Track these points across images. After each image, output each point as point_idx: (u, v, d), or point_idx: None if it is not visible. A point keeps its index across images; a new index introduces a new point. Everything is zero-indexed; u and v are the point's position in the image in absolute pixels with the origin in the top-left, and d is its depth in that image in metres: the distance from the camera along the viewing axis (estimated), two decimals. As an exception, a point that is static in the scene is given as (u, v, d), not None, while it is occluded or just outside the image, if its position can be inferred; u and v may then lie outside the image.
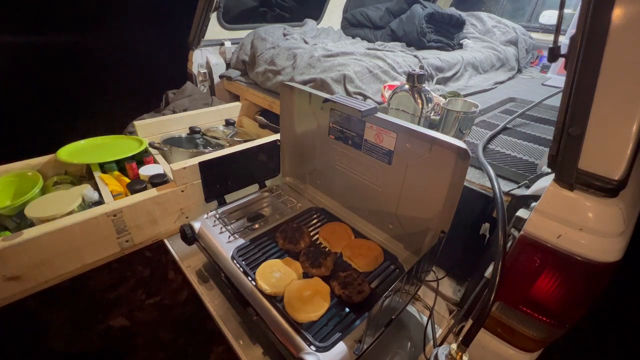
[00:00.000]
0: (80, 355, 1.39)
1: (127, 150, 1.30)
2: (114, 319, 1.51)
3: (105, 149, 1.35)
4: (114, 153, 1.28)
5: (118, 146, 1.36)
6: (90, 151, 1.32)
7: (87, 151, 1.32)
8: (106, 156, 1.27)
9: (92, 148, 1.35)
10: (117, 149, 1.33)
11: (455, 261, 1.01)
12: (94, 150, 1.33)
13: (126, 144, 1.37)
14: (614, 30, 0.48)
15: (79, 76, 4.74)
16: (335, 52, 1.60)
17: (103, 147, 1.36)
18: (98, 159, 1.25)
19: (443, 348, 0.65)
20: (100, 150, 1.33)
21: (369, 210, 1.09)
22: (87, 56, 5.49)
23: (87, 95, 4.15)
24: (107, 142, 1.41)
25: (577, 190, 0.58)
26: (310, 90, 1.04)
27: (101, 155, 1.28)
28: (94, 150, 1.33)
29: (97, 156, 1.27)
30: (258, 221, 1.08)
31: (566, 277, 0.61)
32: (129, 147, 1.33)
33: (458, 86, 1.75)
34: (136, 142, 1.38)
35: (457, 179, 0.78)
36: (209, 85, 2.00)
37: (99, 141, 1.41)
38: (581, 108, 0.53)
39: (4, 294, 0.88)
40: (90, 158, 1.26)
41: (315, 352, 0.69)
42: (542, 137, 1.22)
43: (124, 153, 1.28)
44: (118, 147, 1.34)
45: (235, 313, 0.95)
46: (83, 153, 1.30)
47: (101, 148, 1.35)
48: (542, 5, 2.77)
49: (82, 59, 5.34)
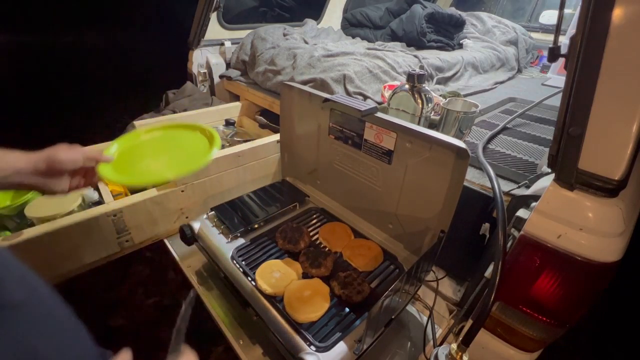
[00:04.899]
0: (80, 355, 1.38)
1: (196, 155, 0.82)
2: (114, 319, 1.51)
3: (159, 152, 0.87)
4: (179, 162, 0.82)
5: (178, 146, 0.89)
6: (138, 158, 0.84)
7: (134, 158, 0.84)
8: (168, 169, 0.81)
9: (138, 151, 0.87)
10: (180, 152, 0.87)
11: (455, 261, 1.01)
12: (143, 156, 0.85)
13: (190, 142, 0.88)
14: (614, 30, 0.48)
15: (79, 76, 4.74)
16: (335, 52, 1.60)
17: (156, 150, 0.88)
18: (158, 176, 0.79)
19: (443, 348, 0.65)
20: (154, 156, 0.86)
21: (369, 210, 1.09)
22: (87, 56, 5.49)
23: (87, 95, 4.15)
24: (160, 137, 0.91)
25: (577, 190, 0.58)
26: (311, 90, 1.04)
27: (159, 169, 0.81)
28: (144, 156, 0.85)
29: (154, 170, 0.81)
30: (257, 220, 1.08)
31: (566, 277, 0.61)
32: (196, 149, 0.84)
33: (458, 86, 1.75)
34: (203, 138, 0.88)
35: (457, 178, 0.78)
36: (209, 85, 2.00)
37: (145, 137, 0.91)
38: (581, 108, 0.53)
39: (3, 294, 0.88)
40: (148, 174, 0.79)
41: (315, 352, 0.69)
42: (542, 137, 1.22)
43: (191, 161, 0.79)
44: (180, 150, 0.88)
45: (235, 313, 0.95)
46: (131, 162, 0.81)
47: (153, 151, 0.87)
48: (542, 5, 2.77)
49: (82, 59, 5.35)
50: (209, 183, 1.19)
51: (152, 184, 0.78)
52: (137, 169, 0.80)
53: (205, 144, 0.86)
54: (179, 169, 0.79)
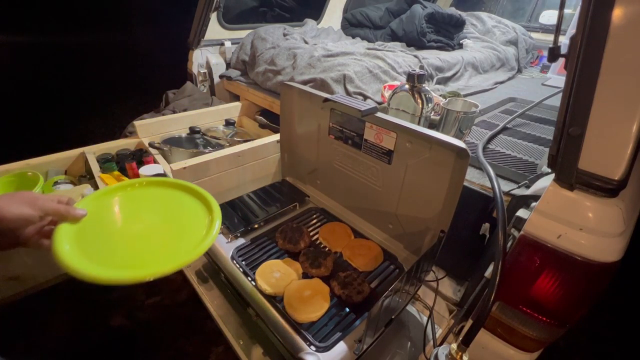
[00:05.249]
0: (80, 355, 1.38)
1: (191, 232, 0.63)
2: (114, 319, 1.51)
3: (143, 221, 0.66)
4: (167, 242, 0.62)
5: (169, 214, 0.69)
6: (111, 225, 0.65)
7: (108, 223, 0.65)
8: (150, 255, 0.58)
9: (115, 214, 0.67)
10: (170, 226, 0.66)
11: (455, 261, 1.01)
12: (121, 223, 0.66)
13: (184, 211, 0.69)
14: (614, 30, 0.48)
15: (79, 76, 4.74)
16: (335, 52, 1.60)
17: (139, 216, 0.67)
18: (135, 272, 0.53)
19: (443, 348, 0.65)
20: (134, 225, 0.65)
21: (369, 210, 1.09)
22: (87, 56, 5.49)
23: (87, 95, 4.15)
24: (146, 196, 0.72)
25: (577, 190, 0.58)
26: (311, 90, 1.04)
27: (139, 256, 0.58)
28: (123, 223, 0.66)
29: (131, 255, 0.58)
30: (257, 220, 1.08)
31: (566, 277, 0.61)
32: (192, 222, 0.66)
33: (458, 86, 1.75)
34: (199, 207, 0.70)
35: (457, 178, 0.78)
36: (209, 85, 2.00)
37: (129, 192, 0.72)
38: (581, 108, 0.53)
39: (4, 293, 0.88)
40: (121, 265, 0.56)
41: (315, 352, 0.69)
42: (542, 137, 1.22)
43: (184, 245, 0.60)
44: (170, 221, 0.67)
45: (235, 313, 0.95)
46: (102, 231, 0.62)
47: (134, 217, 0.67)
48: (542, 5, 2.77)
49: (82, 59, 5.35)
50: (209, 183, 1.19)
51: (124, 282, 0.52)
52: (108, 247, 0.58)
53: (203, 216, 0.67)
54: (166, 259, 0.56)
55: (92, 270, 0.51)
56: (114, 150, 1.38)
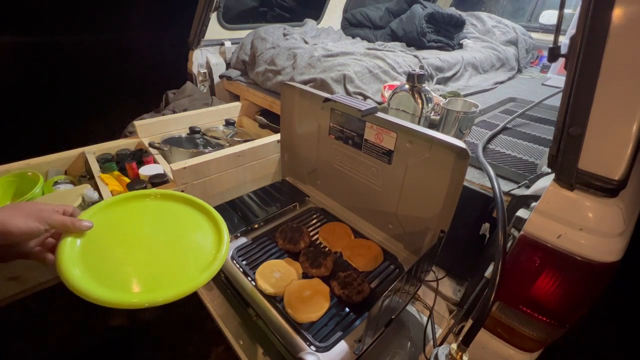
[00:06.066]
0: (80, 355, 1.39)
1: (197, 256, 0.63)
2: (114, 319, 1.51)
3: (150, 241, 0.64)
4: (173, 266, 0.60)
5: (176, 234, 0.67)
6: (116, 242, 0.62)
7: (113, 240, 0.62)
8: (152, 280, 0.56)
9: (121, 230, 0.65)
10: (177, 249, 0.64)
11: (455, 261, 1.01)
12: (126, 240, 0.63)
13: (191, 230, 0.69)
14: (614, 30, 0.48)
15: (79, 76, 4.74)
16: (335, 52, 1.60)
17: (145, 235, 0.65)
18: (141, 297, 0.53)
19: (443, 348, 0.65)
20: (141, 245, 0.63)
21: (369, 210, 1.09)
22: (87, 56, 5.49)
23: (87, 95, 4.15)
24: (157, 209, 0.72)
25: (577, 190, 0.58)
26: (311, 90, 1.04)
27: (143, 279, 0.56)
28: (128, 240, 0.63)
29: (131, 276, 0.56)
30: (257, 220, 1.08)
31: (566, 277, 0.61)
32: (198, 243, 0.66)
33: (458, 86, 1.75)
34: (208, 226, 0.71)
35: (457, 178, 0.78)
36: (209, 85, 2.00)
37: (137, 203, 0.72)
38: (581, 108, 0.53)
39: (4, 293, 0.88)
40: (123, 288, 0.54)
41: (315, 352, 0.69)
42: (542, 137, 1.22)
43: (190, 268, 0.60)
44: (177, 244, 0.65)
45: (235, 313, 0.95)
46: (108, 248, 0.60)
47: (141, 236, 0.65)
48: (542, 5, 2.77)
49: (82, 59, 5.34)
50: (209, 183, 1.19)
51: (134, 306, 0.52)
52: (115, 266, 0.56)
53: (211, 239, 0.67)
54: (175, 282, 0.55)
55: (102, 294, 0.50)
56: (114, 150, 1.38)
